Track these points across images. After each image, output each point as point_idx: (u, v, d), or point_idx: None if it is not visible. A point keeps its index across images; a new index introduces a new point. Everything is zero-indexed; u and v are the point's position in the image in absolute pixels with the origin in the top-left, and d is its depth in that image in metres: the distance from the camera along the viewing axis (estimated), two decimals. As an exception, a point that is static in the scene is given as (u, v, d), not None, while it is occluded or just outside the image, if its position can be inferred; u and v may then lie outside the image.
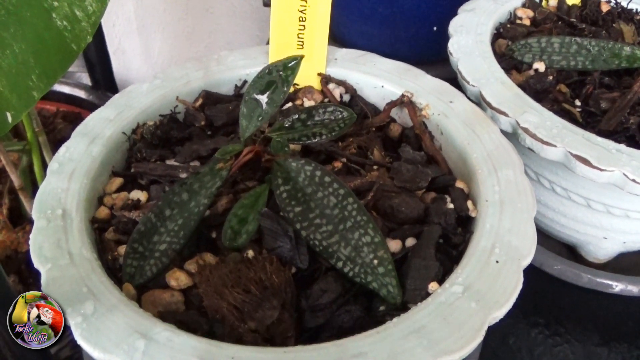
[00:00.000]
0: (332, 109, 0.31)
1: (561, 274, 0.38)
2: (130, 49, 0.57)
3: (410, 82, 0.35)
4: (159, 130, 0.33)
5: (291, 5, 0.34)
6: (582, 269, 0.37)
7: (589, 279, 0.37)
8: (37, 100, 0.33)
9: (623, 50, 0.37)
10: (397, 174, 0.31)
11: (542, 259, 0.38)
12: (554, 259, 0.38)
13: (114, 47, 0.58)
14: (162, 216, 0.29)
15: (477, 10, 0.40)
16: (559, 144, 0.32)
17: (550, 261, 0.38)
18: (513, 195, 0.30)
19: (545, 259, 0.38)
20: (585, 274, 0.37)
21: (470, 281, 0.27)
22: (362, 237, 0.28)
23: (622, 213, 0.35)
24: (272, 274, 0.28)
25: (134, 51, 0.57)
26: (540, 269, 0.38)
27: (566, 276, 0.37)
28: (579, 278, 0.37)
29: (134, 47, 0.56)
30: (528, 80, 0.36)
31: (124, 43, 0.57)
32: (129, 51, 0.57)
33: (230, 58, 0.36)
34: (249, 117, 0.29)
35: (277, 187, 0.29)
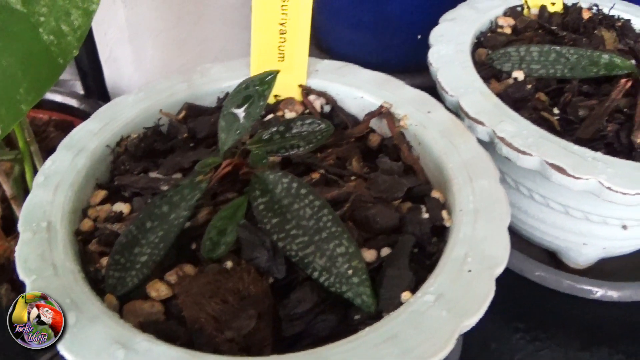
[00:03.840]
0: (310, 121, 0.32)
1: (542, 280, 0.38)
2: (122, 57, 0.58)
3: (390, 93, 0.36)
4: (142, 143, 0.34)
5: (271, 18, 0.35)
6: (563, 275, 0.38)
7: (569, 285, 0.38)
8: (25, 113, 0.34)
9: (601, 58, 0.37)
10: (374, 185, 0.32)
11: (522, 265, 0.39)
12: (534, 266, 0.39)
13: (106, 55, 0.59)
14: (143, 228, 0.30)
15: (458, 20, 0.41)
16: (534, 152, 0.33)
17: (530, 268, 0.39)
18: (487, 205, 0.31)
19: (525, 266, 0.39)
20: (565, 280, 0.38)
21: (442, 290, 0.28)
22: (337, 248, 0.29)
23: (601, 220, 0.36)
24: (249, 284, 0.29)
25: (126, 59, 0.58)
26: (521, 275, 0.39)
27: (547, 282, 0.38)
28: (559, 284, 0.38)
29: (125, 55, 0.58)
30: (507, 89, 0.37)
31: (115, 51, 0.58)
32: (120, 59, 0.58)
33: (213, 70, 0.37)
34: (227, 130, 0.30)
35: (254, 199, 0.30)
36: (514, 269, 0.39)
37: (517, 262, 0.38)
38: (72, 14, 0.36)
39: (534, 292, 0.39)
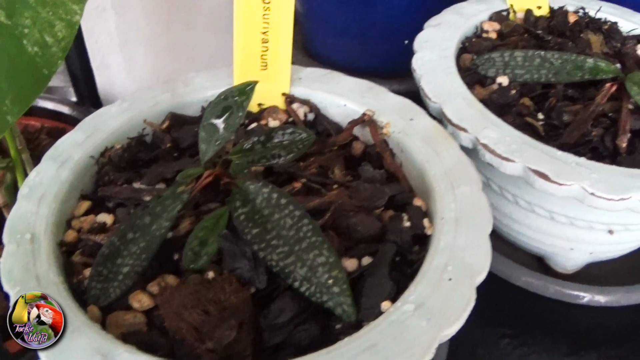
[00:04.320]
0: (291, 131, 0.32)
1: (529, 286, 0.38)
2: (114, 64, 0.58)
3: (373, 100, 0.36)
4: (126, 153, 0.35)
5: (253, 27, 0.35)
6: (549, 280, 0.38)
7: (556, 290, 0.38)
8: (12, 124, 0.34)
9: (586, 62, 0.37)
10: (355, 193, 0.32)
11: (509, 271, 0.39)
12: (521, 271, 0.39)
13: (97, 62, 0.59)
14: (125, 239, 0.31)
15: (443, 25, 0.41)
16: (517, 159, 0.33)
17: (517, 273, 0.39)
18: (469, 212, 0.31)
19: (512, 271, 0.39)
20: (552, 285, 0.38)
21: (422, 299, 0.28)
22: (317, 258, 0.29)
23: (586, 225, 0.36)
24: (231, 295, 0.29)
25: (117, 66, 0.58)
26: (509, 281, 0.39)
27: (533, 288, 0.38)
28: (546, 290, 0.38)
29: (117, 62, 0.58)
30: (491, 95, 0.37)
31: (107, 58, 0.58)
32: (112, 66, 0.58)
33: (197, 80, 0.37)
34: (207, 141, 0.31)
35: (235, 209, 0.30)
36: (501, 274, 0.39)
37: (503, 268, 0.38)
38: (55, 26, 0.36)
39: (521, 297, 0.39)
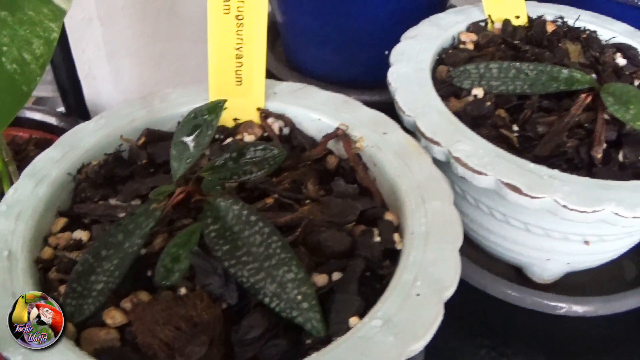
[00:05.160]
0: (263, 147, 0.32)
1: (506, 297, 0.39)
2: (100, 74, 0.59)
3: (346, 114, 0.36)
4: (102, 170, 0.35)
5: (227, 44, 0.35)
6: (526, 291, 0.38)
7: (533, 301, 0.38)
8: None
9: (561, 73, 0.38)
10: (326, 208, 0.32)
11: (486, 282, 0.39)
12: (497, 282, 0.39)
13: (84, 73, 0.60)
14: (98, 256, 0.31)
15: (419, 37, 0.41)
16: (490, 172, 0.34)
17: (494, 284, 0.39)
18: (439, 227, 0.32)
19: (489, 282, 0.39)
20: (529, 296, 0.38)
21: (390, 315, 0.28)
22: (287, 274, 0.29)
23: (562, 236, 0.36)
24: (202, 311, 0.30)
25: (104, 77, 0.59)
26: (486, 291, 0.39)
27: (510, 298, 0.39)
28: (523, 300, 0.38)
29: (103, 72, 0.59)
30: (466, 107, 0.38)
31: (93, 69, 0.59)
32: (99, 77, 0.59)
33: (173, 95, 0.38)
34: (178, 159, 0.31)
35: (206, 226, 0.31)
36: (478, 285, 0.39)
37: (480, 279, 0.39)
38: (33, 43, 0.37)
39: (499, 307, 0.40)
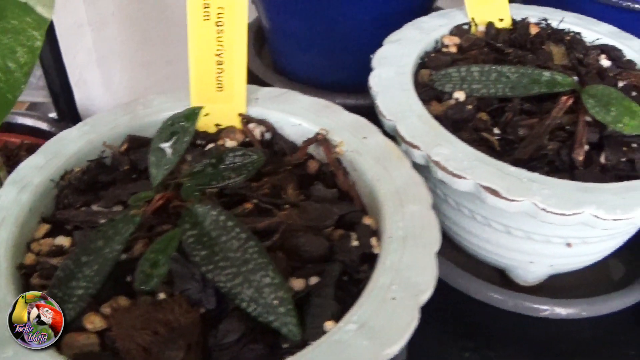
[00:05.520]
0: (242, 153, 0.33)
1: (488, 299, 0.39)
2: (91, 79, 0.60)
3: (327, 119, 0.37)
4: (85, 176, 0.36)
5: (208, 50, 0.36)
6: (509, 294, 0.39)
7: (516, 303, 0.39)
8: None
9: (542, 75, 0.38)
10: (305, 213, 0.33)
11: (469, 284, 0.40)
12: (480, 285, 0.39)
13: (75, 78, 0.61)
14: (79, 262, 0.32)
15: (402, 41, 0.42)
16: (468, 175, 0.34)
17: (476, 287, 0.39)
18: (417, 231, 0.32)
19: (472, 285, 0.39)
20: (511, 299, 0.39)
21: (365, 319, 0.29)
22: (263, 279, 0.30)
23: (543, 239, 0.37)
24: (180, 316, 0.30)
25: (95, 82, 0.60)
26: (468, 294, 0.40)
27: (493, 301, 0.39)
28: (505, 303, 0.39)
29: (94, 78, 0.59)
30: (447, 111, 0.38)
31: (84, 74, 0.60)
32: (89, 82, 0.60)
33: (156, 101, 0.38)
34: (157, 166, 0.32)
35: (184, 232, 0.31)
36: (462, 288, 0.39)
37: (464, 282, 0.39)
38: (17, 52, 0.37)
39: (483, 310, 0.40)
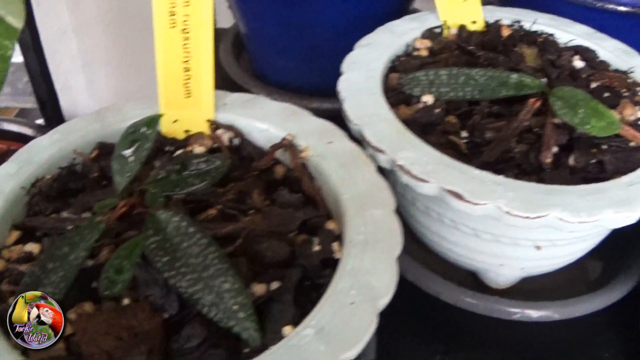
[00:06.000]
0: (205, 159, 0.34)
1: (459, 303, 0.39)
2: (76, 85, 0.61)
3: (294, 124, 0.37)
4: (56, 183, 0.37)
5: (174, 57, 0.36)
6: (479, 297, 0.39)
7: (486, 306, 0.39)
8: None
9: (510, 78, 0.38)
10: (268, 218, 0.33)
11: (439, 288, 0.40)
12: (451, 288, 0.39)
13: (61, 84, 0.62)
14: (45, 269, 0.32)
15: (373, 45, 0.42)
16: (432, 179, 0.34)
17: (447, 290, 0.40)
18: (378, 236, 0.32)
19: (442, 289, 0.40)
20: (482, 302, 0.39)
21: (323, 324, 0.29)
22: (223, 284, 0.30)
23: (511, 241, 0.37)
24: (143, 321, 0.31)
25: (80, 88, 0.61)
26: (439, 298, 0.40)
27: (464, 304, 0.39)
28: (476, 306, 0.39)
29: (79, 83, 0.60)
30: (415, 114, 0.38)
31: (69, 80, 0.61)
32: (74, 88, 0.61)
33: (126, 108, 0.39)
34: (120, 173, 0.32)
35: (147, 238, 0.32)
36: (432, 292, 0.39)
37: (434, 285, 0.39)
38: (-11, 60, 0.38)
39: (456, 313, 0.40)
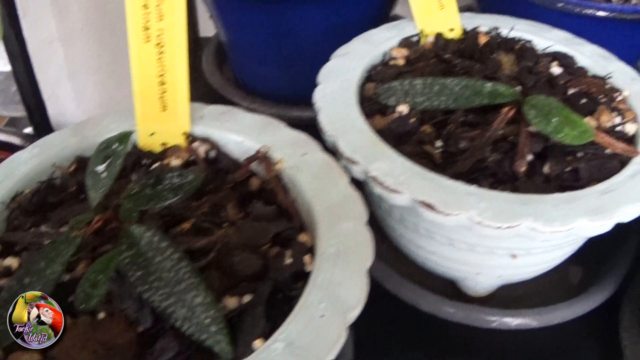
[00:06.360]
0: (179, 174, 0.34)
1: (437, 311, 0.40)
2: (63, 94, 0.61)
3: (269, 136, 0.38)
4: (35, 197, 0.37)
5: (149, 71, 0.37)
6: (456, 305, 0.39)
7: (464, 315, 0.39)
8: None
9: (484, 87, 0.38)
10: (242, 231, 0.34)
11: (417, 297, 0.40)
12: (428, 297, 0.40)
13: (48, 93, 0.62)
14: (22, 284, 0.33)
15: (350, 55, 0.42)
16: (404, 190, 0.35)
17: (425, 299, 0.40)
18: (350, 248, 0.33)
19: (419, 298, 0.40)
20: (459, 310, 0.39)
21: (293, 337, 0.30)
22: (195, 298, 0.31)
23: (487, 250, 0.37)
24: (117, 335, 0.32)
25: (67, 96, 0.61)
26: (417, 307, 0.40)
27: (442, 313, 0.40)
28: (453, 315, 0.39)
29: (66, 92, 0.61)
30: (390, 124, 0.39)
31: (56, 89, 0.61)
32: (62, 97, 0.61)
33: (104, 122, 0.39)
34: (93, 188, 0.33)
35: (121, 252, 0.32)
36: (410, 301, 0.40)
37: (412, 295, 0.40)
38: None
39: (434, 322, 0.41)
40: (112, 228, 0.34)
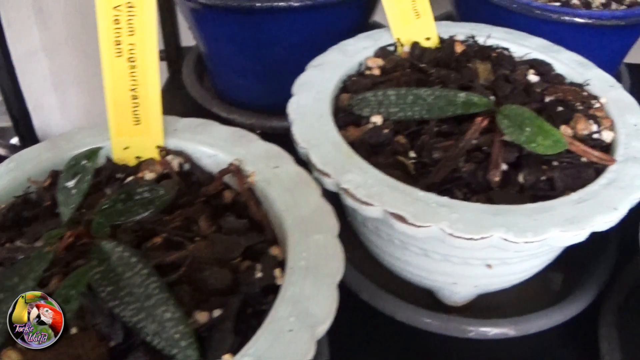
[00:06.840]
0: (150, 188, 0.34)
1: (414, 322, 0.40)
2: (48, 105, 0.62)
3: (242, 149, 0.38)
4: (10, 212, 0.38)
5: (122, 86, 0.37)
6: (433, 315, 0.39)
7: (441, 325, 0.39)
8: None
9: (458, 97, 0.39)
10: (212, 246, 0.34)
11: (393, 307, 0.41)
12: (404, 308, 0.40)
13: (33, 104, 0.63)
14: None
15: (324, 65, 0.43)
16: (376, 202, 0.35)
17: (401, 310, 0.40)
18: (320, 261, 0.33)
19: (396, 308, 0.40)
20: (436, 320, 0.39)
21: (261, 352, 0.30)
22: (165, 313, 0.31)
23: (461, 261, 0.38)
24: (89, 350, 0.32)
25: (52, 107, 0.62)
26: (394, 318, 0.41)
27: (419, 324, 0.40)
28: (430, 325, 0.40)
29: (51, 103, 0.61)
30: (364, 135, 0.39)
31: (41, 99, 0.62)
32: (46, 107, 0.62)
33: (78, 136, 0.40)
34: (65, 204, 0.33)
35: (92, 268, 0.33)
36: (387, 312, 0.40)
37: (387, 305, 0.40)
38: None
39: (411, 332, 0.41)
40: (84, 243, 0.34)
